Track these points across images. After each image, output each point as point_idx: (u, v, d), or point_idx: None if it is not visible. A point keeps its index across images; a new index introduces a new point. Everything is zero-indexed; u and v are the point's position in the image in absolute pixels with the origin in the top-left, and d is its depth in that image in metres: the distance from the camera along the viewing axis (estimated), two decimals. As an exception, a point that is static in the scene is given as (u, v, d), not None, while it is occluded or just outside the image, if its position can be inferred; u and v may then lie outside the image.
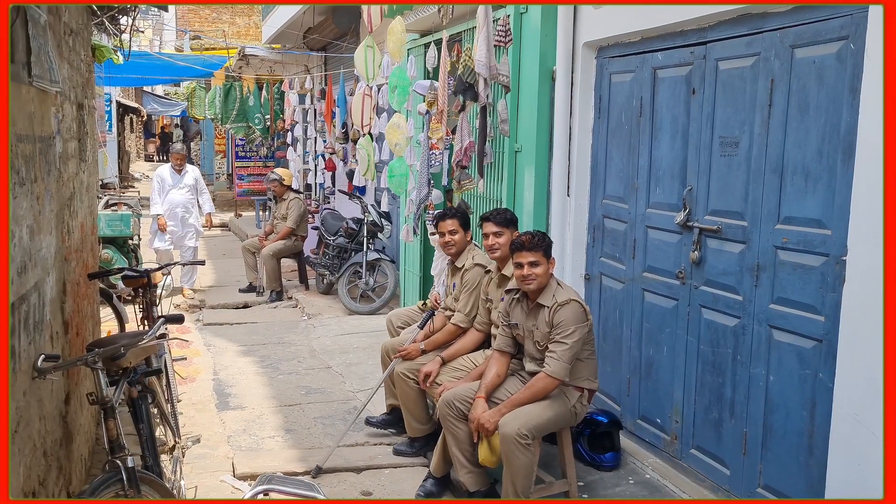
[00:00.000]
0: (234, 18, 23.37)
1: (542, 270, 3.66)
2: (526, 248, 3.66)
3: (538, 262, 3.65)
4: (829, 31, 3.07)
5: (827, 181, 3.10)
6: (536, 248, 3.66)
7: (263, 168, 15.04)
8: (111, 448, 2.91)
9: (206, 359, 6.43)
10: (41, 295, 2.95)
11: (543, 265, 3.67)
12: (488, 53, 4.55)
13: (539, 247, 3.67)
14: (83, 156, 4.24)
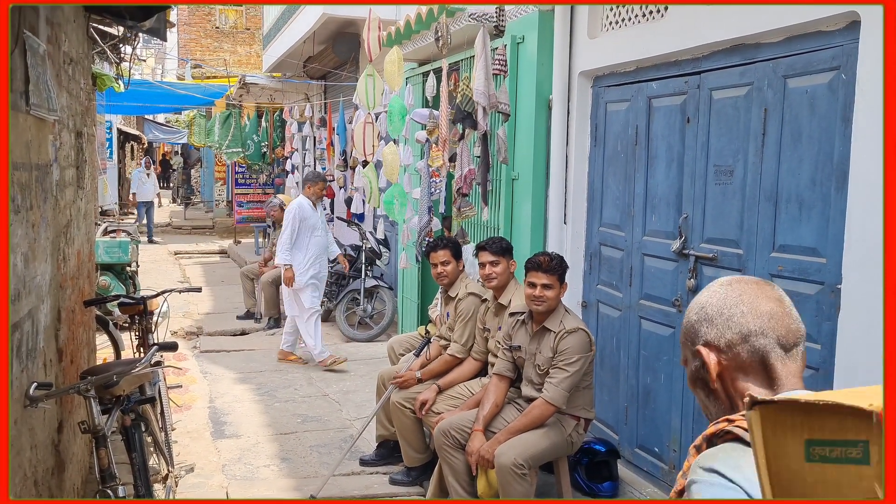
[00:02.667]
0: (235, 47, 23.60)
1: (553, 294, 3.65)
2: (542, 269, 3.65)
3: (552, 285, 3.65)
4: (820, 61, 3.10)
5: (821, 209, 3.11)
6: (553, 272, 3.65)
7: (263, 195, 15.09)
8: (102, 477, 2.88)
9: (202, 386, 6.39)
10: (35, 322, 2.94)
11: (556, 289, 3.66)
12: (487, 82, 4.59)
13: (556, 271, 3.66)
14: (81, 183, 4.26)
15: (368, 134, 6.52)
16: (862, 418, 0.86)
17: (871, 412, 0.85)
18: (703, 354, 1.33)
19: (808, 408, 0.92)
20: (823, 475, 0.90)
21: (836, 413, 0.89)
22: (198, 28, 23.49)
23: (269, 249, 9.61)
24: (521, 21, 5.16)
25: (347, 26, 9.86)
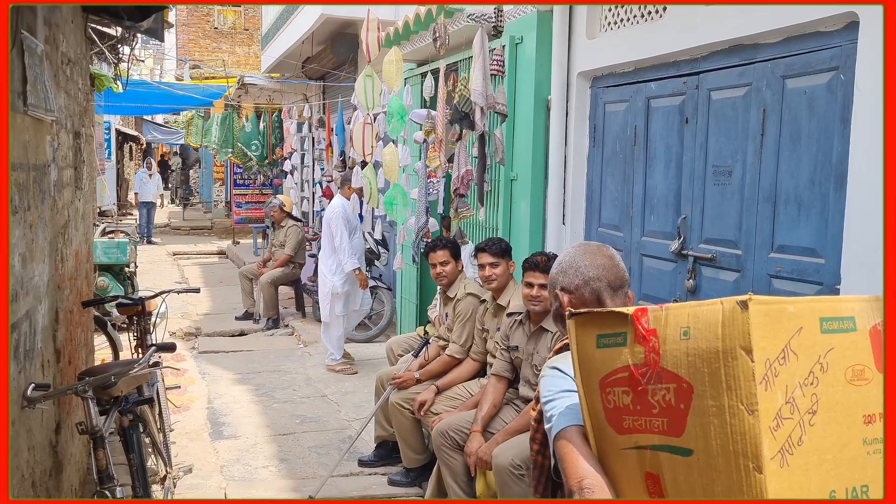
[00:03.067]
0: (233, 48, 23.58)
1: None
2: (540, 270, 3.64)
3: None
4: (819, 61, 3.10)
5: (819, 210, 3.11)
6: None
7: (261, 196, 15.08)
8: (100, 478, 2.88)
9: (200, 387, 6.38)
10: (32, 323, 2.94)
11: None
12: (485, 83, 4.59)
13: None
14: (79, 184, 4.25)
15: (367, 134, 6.52)
16: (624, 318, 1.37)
17: (627, 314, 1.37)
18: (560, 296, 1.84)
19: (599, 314, 1.44)
20: (604, 356, 1.41)
21: (612, 316, 1.39)
22: (196, 28, 23.48)
23: (268, 250, 9.61)
24: (519, 21, 5.16)
25: (346, 27, 9.86)
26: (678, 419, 1.28)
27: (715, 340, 1.22)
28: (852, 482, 1.21)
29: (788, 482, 1.16)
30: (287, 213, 9.19)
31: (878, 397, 1.25)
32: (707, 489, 1.24)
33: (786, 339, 1.20)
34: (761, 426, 1.16)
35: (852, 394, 1.23)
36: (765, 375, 1.17)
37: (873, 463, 1.24)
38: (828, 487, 1.20)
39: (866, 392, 1.24)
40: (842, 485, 1.20)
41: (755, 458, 1.16)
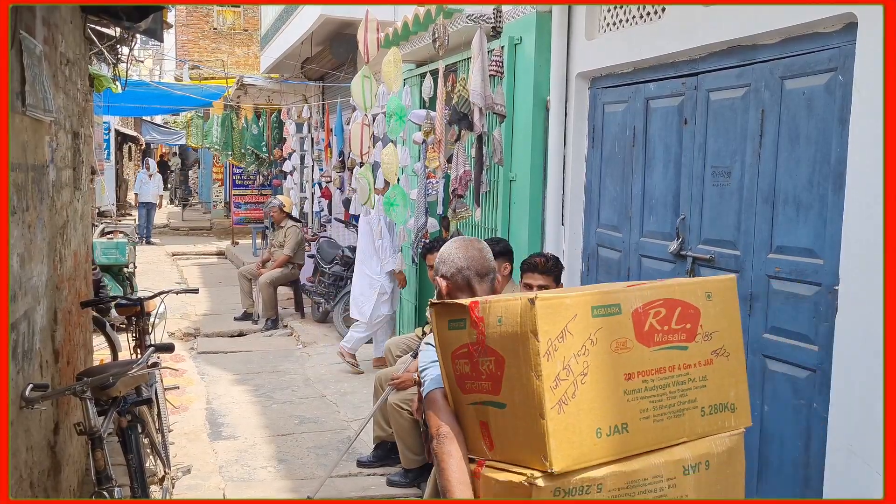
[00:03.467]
0: (232, 49, 23.59)
1: None
2: (539, 271, 3.65)
3: (548, 286, 3.65)
4: (818, 62, 3.10)
5: (818, 211, 3.11)
6: (549, 273, 3.66)
7: (260, 196, 15.08)
8: (98, 479, 2.88)
9: (199, 388, 6.38)
10: (31, 323, 2.94)
11: (552, 290, 3.66)
12: (483, 83, 4.59)
13: (552, 272, 3.67)
14: (78, 184, 4.25)
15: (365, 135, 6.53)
16: (464, 308, 1.76)
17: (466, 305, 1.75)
18: (439, 282, 2.16)
19: (450, 304, 1.84)
20: (452, 335, 1.80)
21: (457, 306, 1.79)
22: (196, 29, 23.49)
23: (267, 250, 9.61)
24: (518, 22, 5.17)
25: (345, 27, 9.85)
26: (497, 382, 1.72)
27: (517, 326, 1.65)
28: (614, 421, 1.65)
29: (564, 423, 1.61)
30: (286, 213, 9.19)
31: (637, 360, 1.71)
32: (515, 431, 1.70)
33: (563, 324, 1.64)
34: (544, 387, 1.61)
35: (616, 359, 1.67)
36: (547, 350, 1.62)
37: (631, 407, 1.69)
38: (595, 426, 1.64)
39: (627, 357, 1.69)
40: (606, 423, 1.65)
41: (540, 408, 1.62)
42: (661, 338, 1.73)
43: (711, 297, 1.83)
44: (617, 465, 1.64)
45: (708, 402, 1.79)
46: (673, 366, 1.73)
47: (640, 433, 1.68)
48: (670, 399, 1.73)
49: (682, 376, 1.75)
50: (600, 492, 1.61)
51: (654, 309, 1.73)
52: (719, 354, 1.82)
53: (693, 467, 1.73)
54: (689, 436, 1.75)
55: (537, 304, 1.61)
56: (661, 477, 1.67)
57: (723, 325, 1.83)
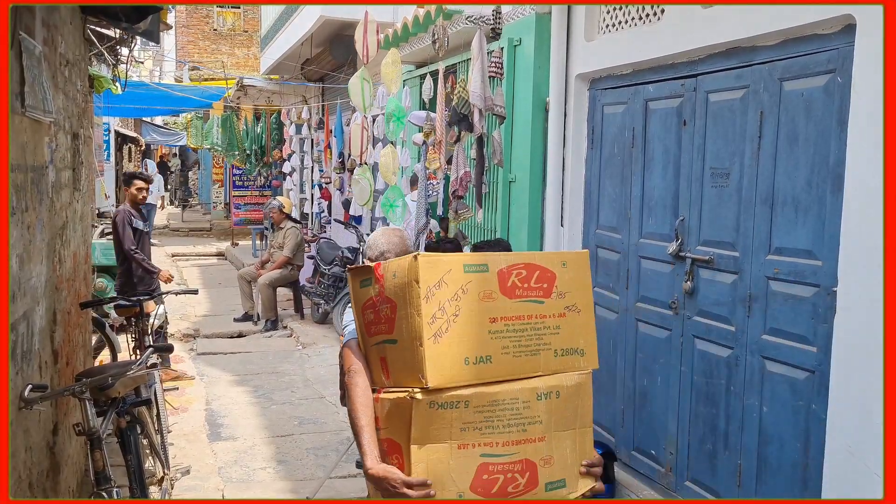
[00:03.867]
0: (232, 50, 23.59)
1: None
2: None
3: None
4: (816, 64, 3.10)
5: (817, 212, 3.11)
6: None
7: (260, 197, 15.08)
8: (97, 480, 2.88)
9: (198, 389, 6.38)
10: (30, 324, 2.94)
11: None
12: (483, 85, 4.59)
13: None
14: (77, 185, 4.25)
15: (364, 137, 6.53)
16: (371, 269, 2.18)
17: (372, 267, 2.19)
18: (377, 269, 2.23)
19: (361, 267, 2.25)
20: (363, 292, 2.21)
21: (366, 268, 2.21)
22: (196, 30, 23.49)
23: (267, 252, 9.61)
24: (518, 24, 5.17)
25: (345, 29, 9.86)
26: (391, 323, 2.12)
27: (405, 277, 2.05)
28: (479, 353, 2.05)
29: (438, 351, 2.00)
30: (286, 214, 9.20)
31: (500, 308, 2.09)
32: (403, 360, 2.09)
33: (440, 276, 2.04)
34: (423, 322, 2.00)
35: (483, 306, 2.07)
36: (426, 294, 2.01)
37: (494, 344, 2.07)
38: (463, 356, 2.03)
39: (492, 305, 2.08)
40: (472, 354, 2.04)
41: (419, 339, 2.01)
42: (521, 292, 2.13)
43: (566, 265, 2.21)
44: (481, 387, 2.04)
45: (560, 346, 2.17)
46: (531, 315, 2.14)
47: (500, 365, 2.08)
48: (527, 340, 2.13)
49: (538, 324, 2.14)
50: (467, 407, 2.01)
51: (517, 270, 2.14)
52: (571, 310, 2.19)
53: (545, 395, 2.11)
54: (543, 370, 2.13)
55: (419, 260, 2.04)
56: (517, 400, 2.07)
57: (575, 288, 2.20)
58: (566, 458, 2.16)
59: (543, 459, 2.11)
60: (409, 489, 1.98)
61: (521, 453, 2.08)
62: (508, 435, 2.06)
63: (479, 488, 2.03)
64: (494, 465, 2.05)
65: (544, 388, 2.11)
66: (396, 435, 2.09)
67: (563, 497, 2.15)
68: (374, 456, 2.11)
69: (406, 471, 2.02)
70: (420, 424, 2.01)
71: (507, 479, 2.06)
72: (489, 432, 2.05)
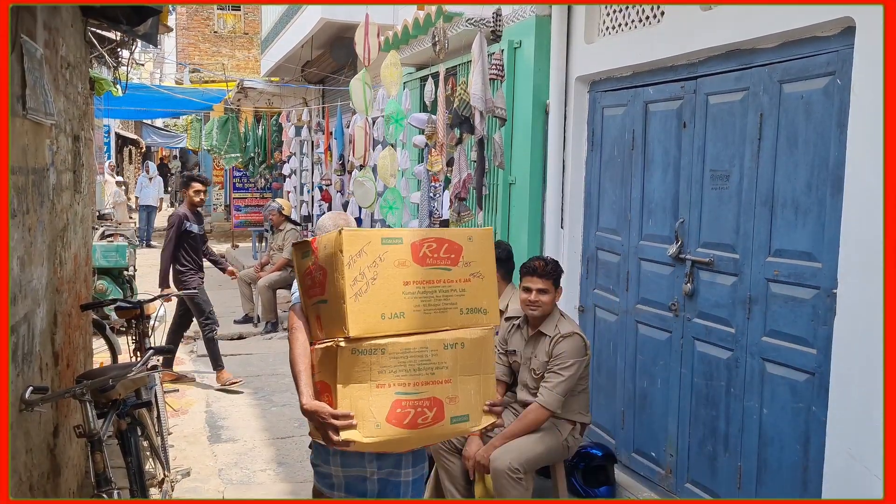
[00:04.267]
0: (233, 52, 23.62)
1: (548, 299, 3.66)
2: (537, 275, 3.65)
3: (547, 289, 3.65)
4: (816, 66, 3.11)
5: (816, 214, 3.12)
6: (548, 276, 3.66)
7: (260, 199, 15.08)
8: (97, 482, 2.88)
9: (199, 390, 6.38)
10: (31, 326, 2.94)
11: (551, 293, 3.67)
12: (484, 87, 4.60)
13: (550, 275, 3.67)
14: (78, 187, 4.26)
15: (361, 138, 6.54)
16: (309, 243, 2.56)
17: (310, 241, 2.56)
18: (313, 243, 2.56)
19: (304, 242, 2.60)
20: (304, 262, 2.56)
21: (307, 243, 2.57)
22: (196, 32, 23.52)
23: (266, 253, 9.61)
24: (518, 26, 5.18)
25: (345, 31, 9.87)
26: (323, 286, 2.47)
27: (332, 248, 2.41)
28: (394, 310, 2.40)
29: (359, 308, 2.36)
30: (286, 216, 9.19)
31: (412, 273, 2.43)
32: (332, 316, 2.43)
33: (361, 247, 2.38)
34: (346, 284, 2.36)
35: (397, 271, 2.42)
36: (349, 262, 2.36)
37: (407, 302, 2.42)
38: (379, 312, 2.38)
39: (405, 271, 2.42)
40: (388, 310, 2.39)
41: (343, 298, 2.36)
42: (431, 261, 2.48)
43: (472, 239, 2.56)
44: (395, 338, 2.41)
45: (465, 306, 2.52)
46: (440, 279, 2.49)
47: (412, 319, 2.44)
48: (436, 300, 2.48)
49: (445, 287, 2.50)
50: (383, 353, 2.39)
51: (427, 243, 2.48)
52: (476, 276, 2.54)
53: (451, 345, 2.48)
54: (450, 325, 2.49)
55: (343, 234, 2.39)
56: (426, 349, 2.44)
57: (479, 258, 2.56)
58: (470, 397, 2.53)
59: (449, 398, 2.49)
60: (335, 420, 2.36)
61: (430, 392, 2.46)
62: (419, 377, 2.45)
63: (393, 420, 2.40)
64: (406, 401, 2.43)
65: (451, 340, 2.49)
66: (327, 377, 2.46)
67: (465, 429, 2.54)
68: (308, 395, 2.48)
69: (334, 406, 2.39)
70: (344, 368, 2.39)
71: (417, 412, 2.44)
72: (402, 374, 2.43)
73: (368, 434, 2.40)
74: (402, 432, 2.43)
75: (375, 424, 2.40)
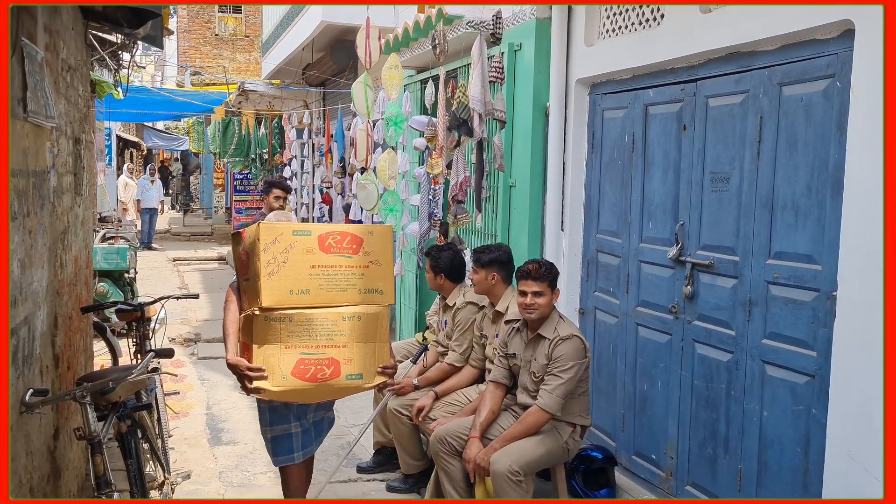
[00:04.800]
0: (234, 55, 23.64)
1: (545, 301, 3.65)
2: (532, 277, 3.64)
3: (542, 292, 3.65)
4: (815, 69, 3.11)
5: (816, 216, 3.12)
6: (542, 279, 3.65)
7: (261, 202, 15.09)
8: (97, 484, 2.88)
9: (199, 393, 6.38)
10: (31, 329, 2.95)
11: (547, 296, 3.66)
12: (483, 89, 4.60)
13: (545, 277, 3.66)
14: (79, 190, 4.27)
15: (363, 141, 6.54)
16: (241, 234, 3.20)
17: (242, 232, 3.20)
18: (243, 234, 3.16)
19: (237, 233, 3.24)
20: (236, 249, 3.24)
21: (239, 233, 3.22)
22: (197, 35, 23.55)
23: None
24: (518, 29, 5.18)
25: (346, 34, 9.88)
26: (247, 267, 3.08)
27: (253, 237, 3.02)
28: (301, 287, 3.01)
29: (271, 284, 2.96)
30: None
31: (318, 259, 3.04)
32: (252, 291, 3.02)
33: (275, 236, 2.99)
34: (261, 265, 2.96)
35: (305, 257, 3.03)
36: (264, 248, 2.96)
37: (312, 282, 3.03)
38: (288, 288, 2.98)
39: (312, 257, 3.03)
40: (296, 287, 3.00)
41: (259, 276, 2.95)
42: (335, 250, 3.08)
43: (373, 234, 3.20)
44: (302, 310, 3.05)
45: (363, 287, 3.14)
46: (341, 265, 3.10)
47: (317, 296, 3.06)
48: (338, 281, 3.09)
49: (346, 271, 3.11)
50: (290, 322, 3.01)
51: (332, 236, 3.10)
52: (374, 263, 3.16)
53: (349, 318, 3.10)
54: (350, 302, 3.11)
55: (260, 226, 3.03)
56: (327, 319, 3.07)
57: (378, 249, 3.17)
58: (364, 360, 3.14)
59: (346, 359, 3.10)
60: (250, 371, 3.04)
61: (329, 354, 3.07)
62: (319, 341, 3.06)
63: (297, 374, 3.05)
64: (309, 360, 3.06)
65: (349, 314, 3.11)
66: (247, 339, 3.10)
67: (359, 384, 3.17)
68: (233, 351, 3.16)
69: (250, 361, 3.05)
70: (258, 332, 3.04)
71: (316, 369, 3.06)
72: (306, 339, 3.05)
73: (276, 384, 3.04)
74: (305, 384, 3.06)
75: (282, 377, 3.04)
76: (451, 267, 4.59)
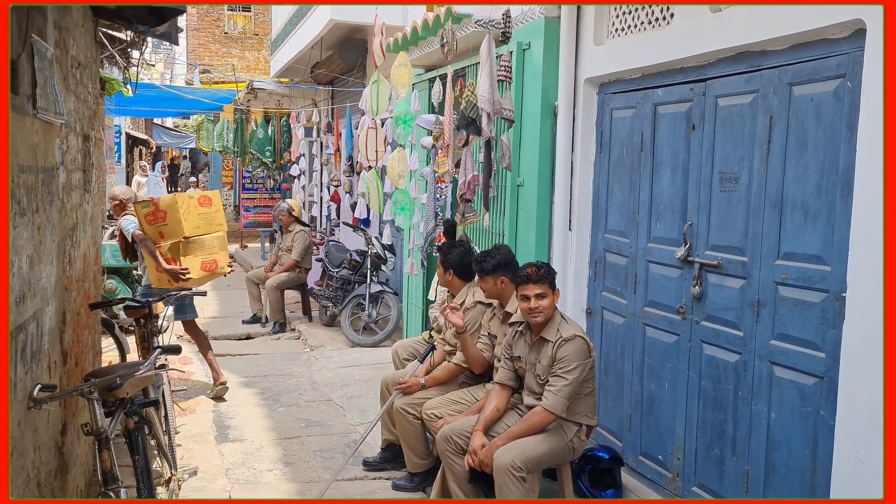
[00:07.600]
0: (243, 53, 23.70)
1: (548, 302, 3.65)
2: (532, 281, 3.64)
3: (545, 293, 3.64)
4: (826, 69, 3.09)
5: (826, 217, 3.10)
6: (542, 281, 3.64)
7: (269, 200, 15.13)
8: (104, 480, 2.89)
9: (206, 390, 6.40)
10: (39, 325, 2.96)
11: (550, 297, 3.66)
12: (491, 88, 4.59)
13: (545, 279, 3.65)
14: (88, 186, 4.28)
15: (371, 139, 6.54)
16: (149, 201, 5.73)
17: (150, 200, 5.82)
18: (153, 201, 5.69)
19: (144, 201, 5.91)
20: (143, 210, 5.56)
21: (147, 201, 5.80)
22: (206, 33, 23.62)
23: (275, 254, 9.63)
24: (527, 28, 5.17)
25: (355, 32, 9.89)
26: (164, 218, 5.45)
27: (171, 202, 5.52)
28: (197, 224, 5.56)
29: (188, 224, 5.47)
30: (295, 217, 9.21)
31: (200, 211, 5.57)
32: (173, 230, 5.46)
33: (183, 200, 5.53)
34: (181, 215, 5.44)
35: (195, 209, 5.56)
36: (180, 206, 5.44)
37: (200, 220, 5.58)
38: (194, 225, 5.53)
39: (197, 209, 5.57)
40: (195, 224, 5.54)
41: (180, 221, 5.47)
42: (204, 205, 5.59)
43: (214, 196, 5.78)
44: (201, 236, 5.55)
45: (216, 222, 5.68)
46: (208, 213, 5.61)
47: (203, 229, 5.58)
48: (209, 221, 5.62)
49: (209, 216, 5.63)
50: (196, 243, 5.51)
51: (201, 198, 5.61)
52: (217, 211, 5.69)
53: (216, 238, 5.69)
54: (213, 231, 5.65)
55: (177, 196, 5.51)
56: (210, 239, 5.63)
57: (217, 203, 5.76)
58: (223, 259, 5.71)
59: (219, 259, 5.65)
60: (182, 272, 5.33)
61: (213, 256, 5.60)
62: (207, 251, 5.57)
63: (202, 268, 5.53)
64: (206, 261, 5.56)
65: (216, 236, 5.62)
66: (175, 255, 5.41)
67: (223, 270, 5.75)
68: (162, 261, 5.37)
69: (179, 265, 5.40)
70: (184, 250, 5.43)
71: (209, 264, 5.58)
72: (203, 250, 5.54)
73: (195, 275, 5.45)
74: (206, 273, 5.58)
75: (197, 271, 5.47)
76: (460, 264, 4.59)
